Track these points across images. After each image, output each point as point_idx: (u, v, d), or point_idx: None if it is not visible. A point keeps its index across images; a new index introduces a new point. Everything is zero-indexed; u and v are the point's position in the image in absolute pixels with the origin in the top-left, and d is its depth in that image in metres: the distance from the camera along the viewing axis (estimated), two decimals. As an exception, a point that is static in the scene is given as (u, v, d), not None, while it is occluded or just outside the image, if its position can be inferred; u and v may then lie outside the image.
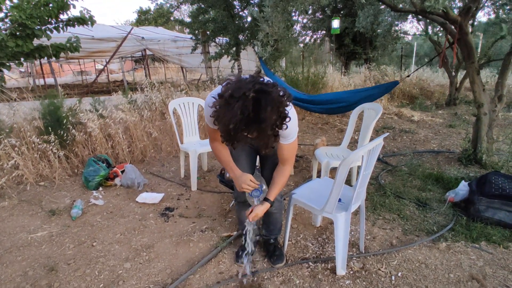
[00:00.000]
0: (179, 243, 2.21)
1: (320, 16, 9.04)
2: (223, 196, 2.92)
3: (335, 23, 3.14)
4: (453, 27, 3.04)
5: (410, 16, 6.03)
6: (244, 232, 1.82)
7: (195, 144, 3.18)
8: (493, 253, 2.00)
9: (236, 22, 5.43)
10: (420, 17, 5.26)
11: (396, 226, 2.35)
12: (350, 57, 10.10)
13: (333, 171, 2.88)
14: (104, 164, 3.11)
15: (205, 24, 5.60)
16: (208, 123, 1.59)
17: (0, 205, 2.77)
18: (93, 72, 16.75)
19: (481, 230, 2.19)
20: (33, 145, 3.09)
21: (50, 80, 11.64)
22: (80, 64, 15.07)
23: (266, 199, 1.68)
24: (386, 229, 2.31)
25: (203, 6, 5.58)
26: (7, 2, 3.43)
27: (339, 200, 1.90)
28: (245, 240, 1.84)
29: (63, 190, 3.05)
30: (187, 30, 7.29)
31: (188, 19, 6.42)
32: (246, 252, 1.86)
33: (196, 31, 5.86)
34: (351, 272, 1.88)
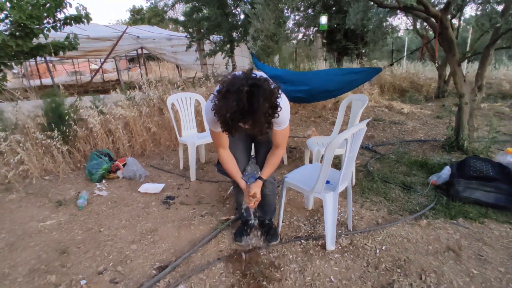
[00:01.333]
0: (181, 227, 2.38)
1: (312, 13, 9.20)
2: (220, 185, 3.08)
3: (323, 19, 3.29)
4: (435, 21, 3.22)
5: (399, 12, 6.20)
6: (242, 212, 1.99)
7: (193, 137, 3.33)
8: (469, 228, 2.19)
9: (230, 20, 5.57)
10: (406, 12, 5.44)
11: (382, 207, 2.53)
12: (342, 52, 10.29)
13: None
14: (106, 158, 3.26)
15: (199, 22, 5.73)
16: (211, 127, 1.73)
17: (8, 198, 2.91)
18: (87, 72, 16.72)
19: (459, 209, 2.38)
20: (37, 141, 3.22)
21: (46, 81, 11.67)
22: (74, 64, 15.07)
23: (259, 178, 1.86)
24: (373, 210, 2.49)
25: (197, 4, 5.71)
26: (8, 4, 3.54)
27: (328, 182, 2.07)
28: (244, 221, 2.02)
29: (67, 183, 3.19)
30: (181, 28, 7.41)
31: (182, 18, 6.55)
32: (246, 227, 2.04)
33: (191, 29, 6.00)
34: (340, 247, 2.06)
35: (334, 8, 9.25)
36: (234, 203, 2.40)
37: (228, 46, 5.94)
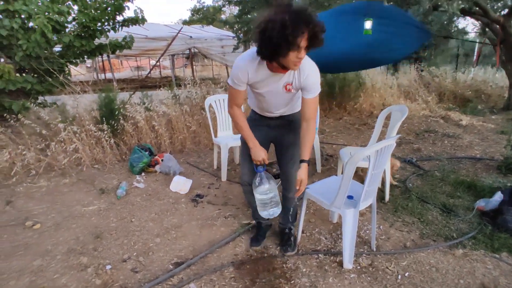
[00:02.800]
0: (203, 226, 2.46)
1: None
2: (249, 188, 3.11)
3: (367, 24, 3.10)
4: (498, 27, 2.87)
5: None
6: (255, 215, 2.08)
7: (227, 138, 3.41)
8: (514, 265, 1.93)
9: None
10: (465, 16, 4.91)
11: (414, 229, 2.34)
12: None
13: (357, 170, 2.92)
14: (147, 152, 3.49)
15: (247, 24, 5.83)
16: (232, 83, 1.70)
17: (63, 182, 3.28)
18: (148, 67, 18.04)
19: (505, 241, 2.11)
20: (90, 133, 3.57)
21: (110, 75, 12.89)
22: (136, 61, 16.37)
23: (302, 161, 1.73)
24: (403, 231, 2.32)
25: (245, 7, 5.80)
26: (75, 7, 3.98)
27: (351, 197, 1.98)
28: (257, 223, 2.14)
29: (112, 173, 3.49)
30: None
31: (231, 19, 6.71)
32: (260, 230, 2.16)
33: (239, 31, 6.13)
34: (358, 267, 1.96)
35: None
36: (248, 204, 2.42)
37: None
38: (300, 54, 1.46)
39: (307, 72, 1.64)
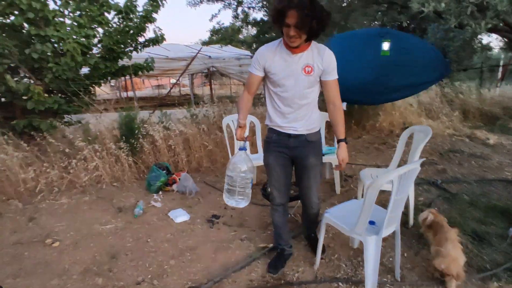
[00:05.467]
0: (218, 249, 2.41)
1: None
2: (265, 209, 3.05)
3: (385, 46, 3.06)
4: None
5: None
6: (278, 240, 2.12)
7: (244, 158, 3.39)
8: (559, 303, 1.75)
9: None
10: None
11: (442, 258, 2.19)
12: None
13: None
14: (164, 171, 3.52)
15: (264, 43, 5.89)
16: (251, 68, 1.84)
17: (83, 199, 3.34)
18: (168, 86, 18.60)
19: (546, 275, 1.92)
20: (110, 151, 3.65)
21: (132, 93, 13.38)
22: (157, 79, 16.92)
23: (339, 140, 1.86)
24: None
25: (264, 28, 5.91)
26: (100, 30, 4.17)
27: (373, 223, 1.89)
28: (280, 250, 2.15)
29: (130, 191, 3.52)
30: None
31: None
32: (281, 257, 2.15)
33: (254, 51, 6.22)
34: (382, 299, 1.83)
35: (412, 26, 8.62)
36: (273, 233, 2.36)
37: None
38: (291, 31, 1.57)
39: (327, 52, 1.76)
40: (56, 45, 3.86)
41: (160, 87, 17.29)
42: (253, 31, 6.59)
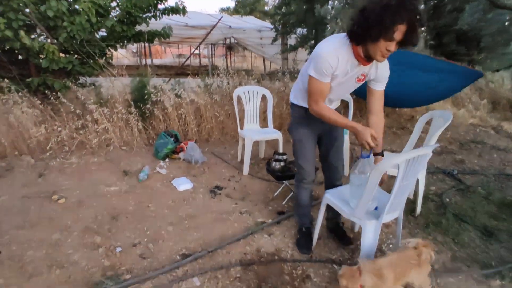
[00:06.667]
0: (217, 219, 2.41)
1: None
2: (270, 185, 3.01)
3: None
4: None
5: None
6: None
7: (253, 132, 3.32)
8: None
9: (316, 15, 5.30)
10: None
11: (445, 250, 2.10)
12: (452, 58, 8.85)
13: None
14: (172, 139, 3.51)
15: (286, 16, 5.65)
16: (318, 75, 1.59)
17: (91, 161, 3.40)
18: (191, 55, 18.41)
19: (556, 278, 1.80)
20: (120, 115, 3.66)
21: (156, 61, 13.35)
22: (179, 48, 16.77)
23: (376, 154, 1.75)
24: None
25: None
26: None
27: (376, 207, 1.80)
28: (306, 228, 2.12)
29: (138, 156, 3.55)
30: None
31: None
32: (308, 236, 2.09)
33: (277, 22, 5.97)
34: (376, 284, 1.78)
35: (448, 6, 7.98)
36: (294, 214, 2.29)
37: (313, 42, 5.72)
38: (391, 47, 1.40)
39: (384, 63, 1.61)
40: (72, 3, 3.81)
41: (181, 56, 17.14)
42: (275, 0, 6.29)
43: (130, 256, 1.97)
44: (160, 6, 4.64)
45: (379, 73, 1.65)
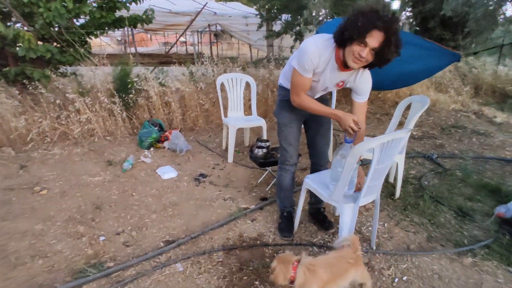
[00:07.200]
0: (201, 206, 2.43)
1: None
2: (254, 172, 3.04)
3: (395, 4, 2.82)
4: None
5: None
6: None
7: (237, 119, 3.33)
8: (529, 281, 1.74)
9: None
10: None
11: (421, 231, 2.18)
12: (437, 43, 8.93)
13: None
14: (157, 128, 3.49)
15: (271, 1, 5.56)
16: (301, 69, 1.64)
17: (75, 151, 3.36)
18: (176, 43, 18.05)
19: (522, 254, 1.90)
20: (103, 105, 3.60)
21: (141, 49, 13.03)
22: (164, 36, 16.40)
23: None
24: (408, 232, 2.17)
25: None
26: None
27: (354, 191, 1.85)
28: (288, 212, 2.16)
29: (122, 145, 3.53)
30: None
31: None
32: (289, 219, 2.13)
33: (262, 8, 5.89)
34: (353, 265, 1.85)
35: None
36: (276, 198, 2.29)
37: (298, 28, 5.67)
38: (363, 52, 1.44)
39: (366, 76, 1.69)
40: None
41: (167, 44, 16.80)
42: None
43: (114, 244, 1.99)
44: (141, -10, 4.53)
45: (359, 85, 1.70)
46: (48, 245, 1.99)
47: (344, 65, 1.58)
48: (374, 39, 1.41)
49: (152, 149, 3.46)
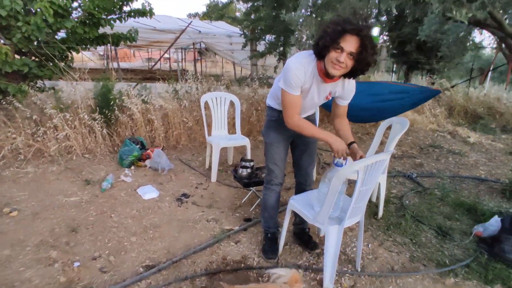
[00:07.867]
0: (183, 228, 2.36)
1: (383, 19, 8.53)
2: (237, 191, 3.00)
3: (375, 31, 2.99)
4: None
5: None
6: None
7: (221, 138, 3.30)
8: (509, 301, 1.78)
9: (284, 21, 5.41)
10: (480, 28, 4.70)
11: (404, 251, 2.20)
12: (413, 66, 9.37)
13: (352, 184, 2.78)
14: (138, 146, 3.41)
15: (255, 22, 5.71)
16: (289, 88, 1.66)
17: (50, 169, 3.21)
18: (160, 60, 18.05)
19: (500, 273, 1.95)
20: (83, 121, 3.50)
21: (124, 64, 12.92)
22: (148, 52, 16.38)
23: (351, 142, 1.80)
24: (392, 252, 2.18)
25: (255, 4, 5.67)
26: (81, -7, 3.91)
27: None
28: (272, 233, 2.14)
29: (102, 164, 3.41)
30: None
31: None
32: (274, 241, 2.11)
33: (246, 29, 6.02)
34: (339, 287, 1.83)
35: (410, 18, 8.45)
36: (261, 218, 2.24)
37: (282, 48, 5.83)
38: (341, 57, 1.48)
39: (352, 84, 1.77)
40: (28, 3, 3.60)
41: (150, 60, 16.76)
42: (244, 6, 6.33)
43: (89, 271, 1.88)
44: (126, 8, 4.52)
45: (346, 93, 1.79)
46: (16, 273, 1.85)
47: (326, 76, 1.62)
48: (349, 43, 1.46)
49: (133, 167, 3.36)
